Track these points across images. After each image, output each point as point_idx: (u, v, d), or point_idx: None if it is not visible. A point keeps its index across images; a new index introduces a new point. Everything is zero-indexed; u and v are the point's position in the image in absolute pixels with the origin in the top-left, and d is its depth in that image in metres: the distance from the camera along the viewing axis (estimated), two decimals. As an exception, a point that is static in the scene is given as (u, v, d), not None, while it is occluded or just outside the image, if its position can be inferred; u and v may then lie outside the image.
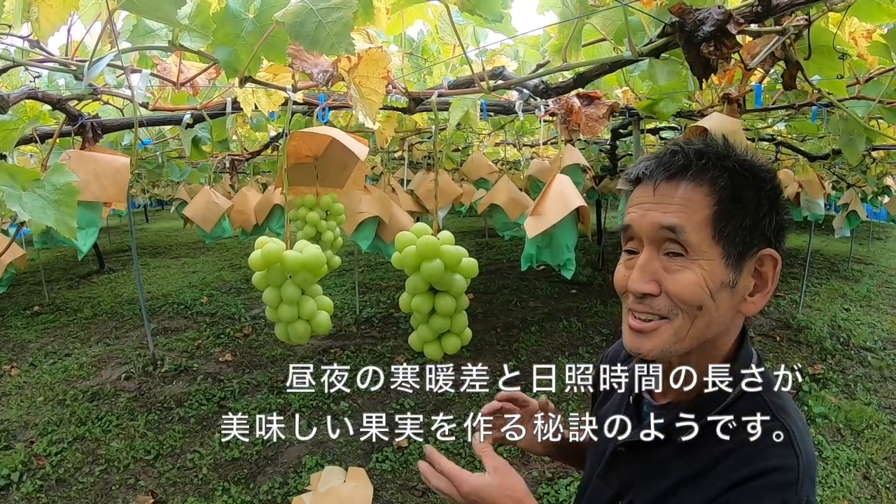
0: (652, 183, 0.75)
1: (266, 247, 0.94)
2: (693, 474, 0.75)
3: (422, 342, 0.97)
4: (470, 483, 0.81)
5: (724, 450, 0.73)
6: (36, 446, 3.54)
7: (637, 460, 0.83)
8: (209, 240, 3.26)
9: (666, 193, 0.74)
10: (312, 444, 3.56)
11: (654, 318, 0.74)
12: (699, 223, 0.72)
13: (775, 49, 1.10)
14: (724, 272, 0.72)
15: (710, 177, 0.73)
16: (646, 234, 0.75)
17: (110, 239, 12.13)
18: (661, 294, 0.73)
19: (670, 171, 0.74)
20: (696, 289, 0.71)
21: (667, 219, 0.72)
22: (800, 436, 0.73)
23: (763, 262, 0.74)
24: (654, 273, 0.74)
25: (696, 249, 0.71)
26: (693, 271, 0.71)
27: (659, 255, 0.74)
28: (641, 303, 0.75)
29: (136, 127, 1.28)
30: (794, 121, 2.58)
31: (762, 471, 0.70)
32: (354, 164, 1.35)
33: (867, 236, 11.02)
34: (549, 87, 1.23)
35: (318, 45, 0.80)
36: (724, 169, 0.73)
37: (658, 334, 0.74)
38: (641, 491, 0.81)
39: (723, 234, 0.71)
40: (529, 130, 3.27)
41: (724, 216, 0.72)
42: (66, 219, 1.04)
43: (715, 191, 0.72)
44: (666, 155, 0.76)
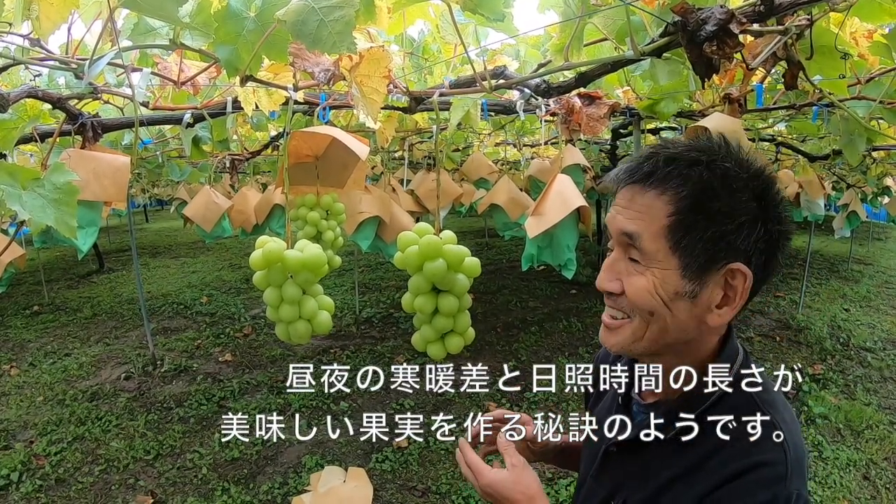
0: (623, 187, 0.76)
1: (267, 246, 0.93)
2: (684, 471, 0.76)
3: (425, 342, 0.96)
4: (487, 477, 0.86)
5: (713, 446, 0.74)
6: (35, 446, 3.54)
7: (628, 460, 0.84)
8: (209, 239, 3.25)
9: (631, 199, 0.75)
10: (312, 445, 3.55)
11: (620, 315, 0.77)
12: (655, 232, 0.72)
13: (777, 49, 1.09)
14: (678, 282, 0.72)
15: (673, 185, 0.71)
16: (614, 236, 0.77)
17: (110, 239, 12.13)
18: (623, 294, 0.75)
19: (634, 177, 0.75)
20: (646, 294, 0.73)
21: (627, 225, 0.74)
22: (787, 429, 0.74)
23: (734, 276, 0.72)
24: (618, 273, 0.76)
25: (651, 258, 0.72)
26: (645, 277, 0.73)
27: (625, 258, 0.76)
28: (609, 299, 0.78)
29: (136, 126, 1.28)
30: (794, 121, 2.58)
31: (751, 466, 0.71)
32: (355, 163, 1.35)
33: (867, 237, 11.03)
34: (550, 87, 1.23)
35: (319, 44, 0.80)
36: (688, 178, 0.71)
37: (620, 332, 0.77)
38: (634, 490, 0.82)
39: (679, 245, 0.71)
40: (530, 130, 3.27)
41: (682, 227, 0.71)
42: (66, 218, 1.04)
43: (675, 200, 0.71)
44: (640, 159, 0.76)
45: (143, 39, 1.09)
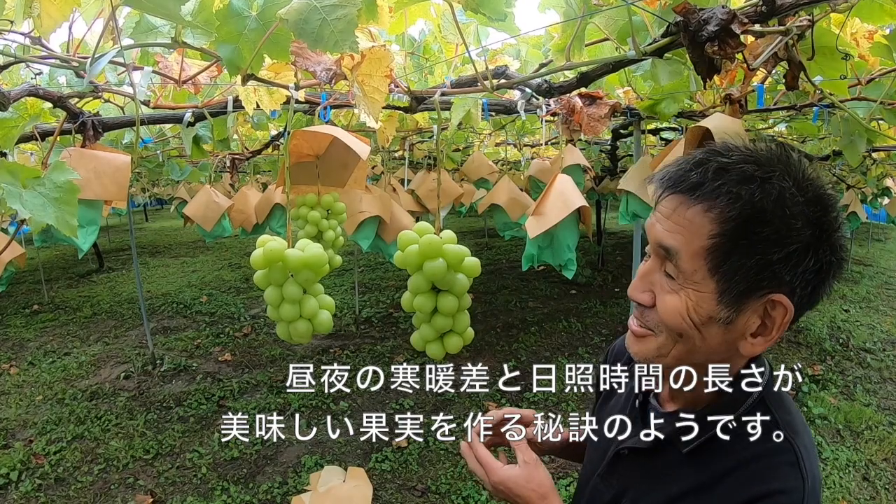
0: (666, 195, 0.70)
1: (268, 245, 0.93)
2: (697, 486, 0.73)
3: (424, 341, 0.96)
4: (499, 473, 0.85)
5: (730, 464, 0.71)
6: (35, 445, 3.54)
7: (640, 464, 0.82)
8: (209, 239, 3.25)
9: (674, 210, 0.68)
10: (312, 444, 3.55)
11: (646, 328, 0.73)
12: (695, 251, 0.66)
13: (778, 49, 1.09)
14: (714, 307, 0.66)
15: (721, 202, 0.64)
16: (651, 245, 0.72)
17: (110, 238, 12.13)
18: (653, 307, 0.71)
19: (679, 187, 0.68)
20: (677, 316, 0.68)
21: (665, 238, 0.68)
22: (807, 456, 0.71)
23: (775, 307, 0.67)
24: (651, 284, 0.71)
25: (687, 278, 0.67)
26: (678, 297, 0.68)
27: (661, 269, 0.71)
28: (637, 309, 0.74)
29: (137, 125, 1.28)
30: (794, 122, 2.58)
31: (768, 492, 0.68)
32: (356, 163, 1.35)
33: (867, 238, 11.03)
34: (552, 87, 1.23)
35: (321, 43, 0.80)
36: (738, 197, 0.63)
37: (645, 342, 0.73)
38: (642, 495, 0.80)
39: (719, 269, 0.65)
40: (530, 130, 3.27)
41: (724, 250, 0.64)
42: (66, 217, 1.04)
43: (720, 220, 0.64)
44: (688, 165, 0.69)
45: (144, 38, 1.09)
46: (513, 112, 1.67)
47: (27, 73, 1.62)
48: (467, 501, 2.96)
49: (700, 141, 1.38)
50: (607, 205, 9.04)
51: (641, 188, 2.00)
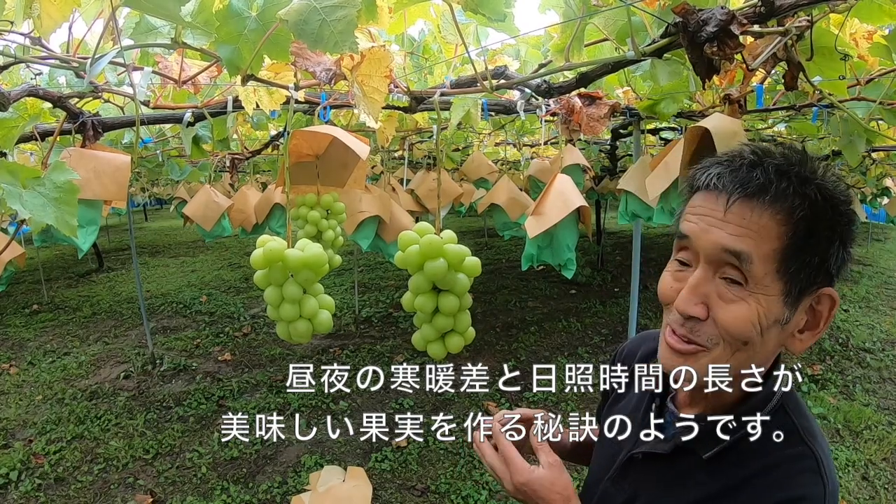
0: (725, 197, 0.67)
1: (268, 245, 0.93)
2: (716, 493, 0.72)
3: (425, 341, 0.96)
4: (524, 473, 0.80)
5: (751, 472, 0.70)
6: (34, 445, 3.54)
7: (654, 469, 0.80)
8: (209, 238, 3.25)
9: (738, 214, 0.65)
10: (312, 444, 3.55)
11: (693, 344, 0.69)
12: (767, 255, 0.64)
13: (777, 50, 1.10)
14: (780, 309, 0.66)
15: (790, 205, 0.64)
16: (705, 252, 0.67)
17: (109, 238, 12.12)
18: (707, 319, 0.67)
19: (748, 189, 0.65)
20: (748, 324, 0.65)
21: (734, 243, 0.65)
22: (826, 461, 0.70)
23: (820, 301, 0.68)
24: (705, 296, 0.67)
25: (758, 282, 0.65)
26: (749, 305, 0.65)
27: (714, 278, 0.67)
28: (685, 325, 0.69)
29: (137, 125, 1.28)
30: (794, 122, 2.58)
31: (791, 499, 0.67)
32: (355, 163, 1.35)
33: (866, 238, 11.04)
34: (551, 87, 1.23)
35: (321, 44, 0.80)
36: (806, 197, 0.64)
37: (695, 359, 0.69)
38: (656, 500, 0.79)
39: (788, 270, 0.65)
40: (530, 130, 3.27)
41: (795, 251, 0.64)
42: (66, 217, 1.04)
43: (791, 221, 0.64)
44: (743, 167, 0.67)
45: (144, 38, 1.09)
46: (512, 112, 1.67)
47: (27, 74, 1.62)
48: (467, 501, 2.97)
49: (699, 141, 1.38)
50: (607, 205, 9.05)
51: (641, 188, 2.00)
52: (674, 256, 0.74)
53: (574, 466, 1.04)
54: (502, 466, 0.83)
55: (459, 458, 3.36)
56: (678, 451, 0.76)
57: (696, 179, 0.71)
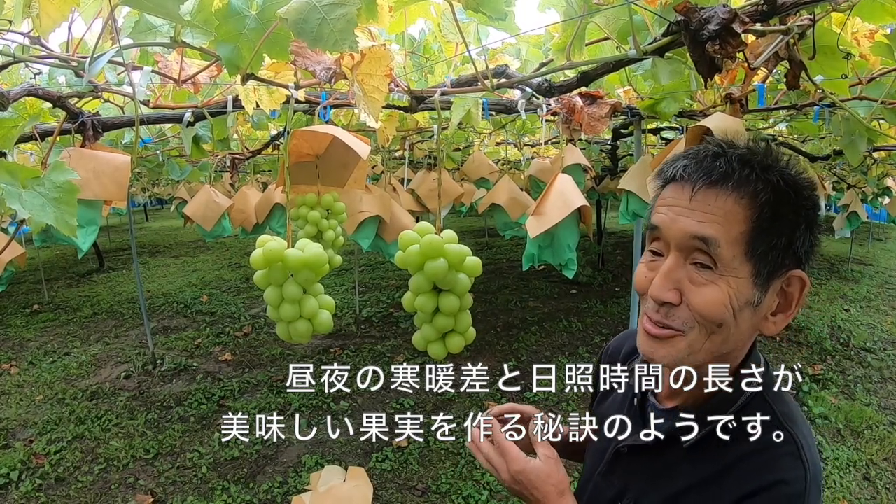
0: (690, 186, 0.70)
1: (268, 245, 0.93)
2: (700, 481, 0.74)
3: (425, 341, 0.96)
4: (520, 463, 0.81)
5: (732, 458, 0.72)
6: (35, 445, 3.54)
7: (641, 461, 0.83)
8: (209, 238, 3.25)
9: (703, 201, 0.69)
10: (312, 444, 3.55)
11: (669, 329, 0.71)
12: (734, 238, 0.67)
13: (779, 48, 1.09)
14: (750, 291, 0.68)
15: (753, 190, 0.68)
16: (674, 240, 0.70)
17: (110, 238, 12.13)
18: (681, 304, 0.70)
19: (711, 177, 0.69)
20: (720, 307, 0.68)
21: (701, 229, 0.68)
22: (807, 446, 0.72)
23: (790, 283, 0.71)
24: (677, 282, 0.70)
25: (727, 265, 0.67)
26: (719, 287, 0.68)
27: (685, 264, 0.70)
28: (659, 311, 0.71)
29: (137, 125, 1.28)
30: (795, 121, 2.58)
31: (771, 483, 0.69)
32: (356, 162, 1.35)
33: (867, 237, 11.03)
34: (552, 86, 1.23)
35: (321, 42, 0.80)
36: (768, 183, 0.68)
37: (672, 344, 0.71)
38: (645, 492, 0.80)
39: (756, 253, 0.67)
40: (530, 130, 3.27)
41: (761, 234, 0.67)
42: (66, 217, 1.04)
43: (755, 205, 0.67)
44: (707, 157, 0.70)
45: (143, 37, 1.09)
46: (513, 111, 1.67)
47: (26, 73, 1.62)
48: (468, 501, 2.96)
49: (701, 140, 1.38)
50: (608, 204, 9.04)
51: (642, 188, 2.00)
52: (647, 248, 0.76)
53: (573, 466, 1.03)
54: (498, 458, 0.83)
55: (460, 458, 3.35)
56: (661, 443, 0.78)
57: (664, 173, 0.75)
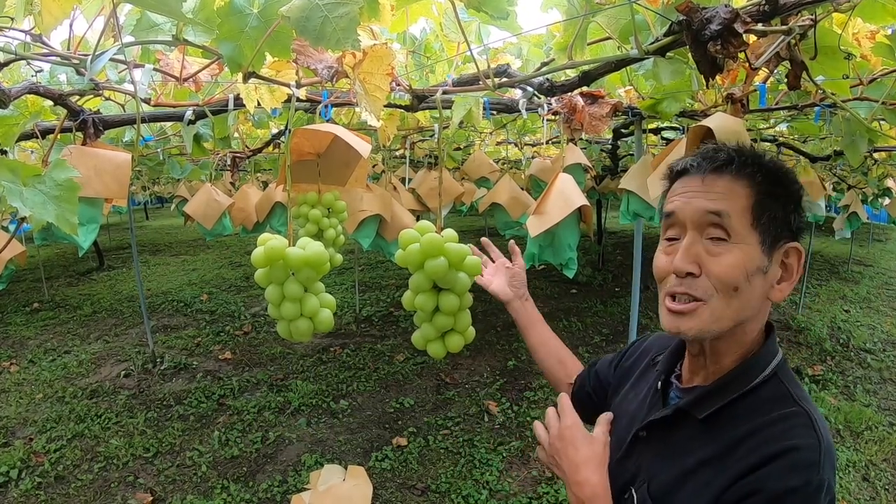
0: (700, 174, 0.82)
1: (269, 244, 0.93)
2: (714, 455, 0.77)
3: (425, 340, 0.96)
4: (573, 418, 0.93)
5: (746, 431, 0.76)
6: (35, 443, 3.54)
7: (658, 442, 0.86)
8: (210, 237, 3.25)
9: (712, 183, 0.81)
10: (312, 443, 3.55)
11: (692, 300, 0.79)
12: (741, 210, 0.78)
13: (780, 49, 1.09)
14: (759, 257, 0.78)
15: (749, 172, 0.80)
16: (690, 219, 0.81)
17: (110, 236, 12.13)
18: (701, 275, 0.79)
19: (716, 163, 0.81)
20: (736, 270, 0.77)
21: (714, 205, 0.79)
22: (820, 421, 0.75)
23: (789, 254, 0.81)
24: (697, 255, 0.79)
25: (738, 234, 0.78)
26: (734, 254, 0.77)
27: (701, 240, 0.80)
28: (682, 283, 0.80)
29: (138, 123, 1.28)
30: (796, 122, 2.58)
31: (785, 449, 0.71)
32: (357, 161, 1.35)
33: (867, 238, 11.03)
34: (553, 85, 1.23)
35: (323, 41, 0.80)
36: (761, 166, 0.81)
37: (697, 315, 0.79)
38: (657, 472, 0.82)
39: (759, 222, 0.78)
40: (531, 129, 3.27)
41: (762, 206, 0.79)
42: (66, 215, 1.03)
43: (754, 184, 0.79)
44: (710, 151, 0.83)
45: (145, 35, 1.09)
46: (514, 111, 1.67)
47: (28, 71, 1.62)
48: (467, 500, 2.96)
49: (701, 140, 1.38)
50: (608, 204, 9.04)
51: (643, 187, 2.00)
52: (663, 237, 0.87)
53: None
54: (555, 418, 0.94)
55: (460, 458, 3.35)
56: (678, 414, 0.84)
57: (673, 170, 0.87)
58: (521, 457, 3.37)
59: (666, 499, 0.79)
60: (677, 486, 0.79)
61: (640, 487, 0.83)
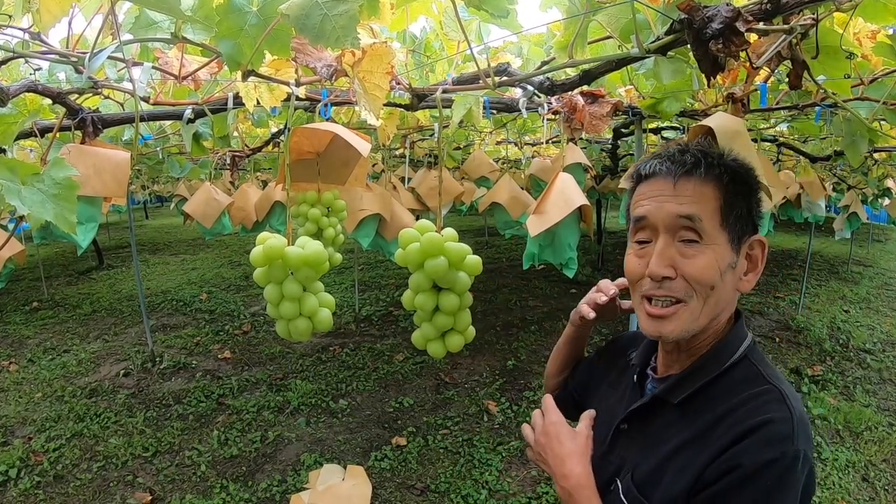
0: (670, 177, 0.83)
1: (268, 243, 0.93)
2: (692, 438, 0.80)
3: (425, 340, 0.96)
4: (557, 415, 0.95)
5: (721, 411, 0.79)
6: (34, 443, 3.53)
7: (638, 433, 0.89)
8: (209, 236, 3.24)
9: (682, 187, 0.82)
10: (311, 442, 3.55)
11: (671, 301, 0.82)
12: (711, 212, 0.80)
13: (782, 48, 1.09)
14: (730, 254, 0.81)
15: (717, 174, 0.82)
16: (663, 223, 0.82)
17: (110, 235, 12.12)
18: (677, 277, 0.81)
19: (686, 167, 0.82)
20: (711, 270, 0.79)
21: (685, 209, 0.80)
22: (791, 396, 0.78)
23: (753, 247, 0.85)
24: (671, 258, 0.81)
25: (709, 235, 0.80)
26: (707, 255, 0.80)
27: (674, 243, 0.82)
28: (660, 287, 0.82)
29: (136, 121, 1.27)
30: (796, 121, 2.58)
31: (758, 424, 0.74)
32: (356, 160, 1.35)
33: (867, 238, 11.03)
34: (554, 84, 1.22)
35: (323, 39, 0.79)
36: (726, 167, 0.83)
37: (677, 317, 0.81)
38: (640, 462, 0.85)
39: (728, 222, 0.81)
40: (531, 129, 3.27)
41: (730, 206, 0.81)
42: (65, 213, 1.03)
43: (721, 185, 0.82)
44: (675, 154, 0.85)
45: (144, 33, 1.08)
46: (514, 110, 1.66)
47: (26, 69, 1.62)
48: (466, 500, 2.96)
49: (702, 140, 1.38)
50: (608, 204, 9.04)
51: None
52: (632, 241, 0.89)
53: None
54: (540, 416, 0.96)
55: (459, 458, 3.35)
56: (655, 401, 0.87)
57: (640, 172, 0.88)
58: (521, 457, 3.36)
59: (649, 485, 0.82)
60: (659, 471, 0.81)
61: (624, 478, 0.85)
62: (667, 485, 0.79)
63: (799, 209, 4.79)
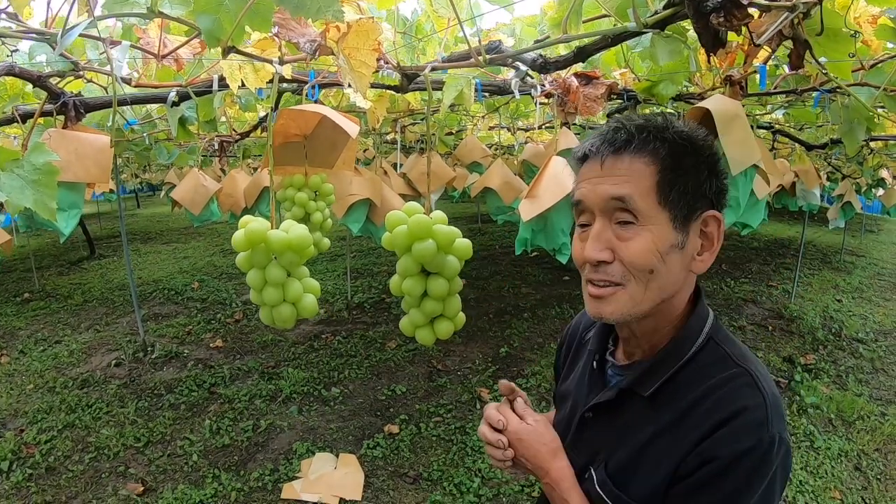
0: (599, 158, 0.79)
1: (250, 226, 0.89)
2: (665, 428, 0.78)
3: (413, 327, 0.93)
4: (514, 424, 0.90)
5: (693, 398, 0.77)
6: (26, 434, 3.50)
7: (606, 422, 0.87)
8: (197, 223, 3.20)
9: (612, 167, 0.78)
10: (303, 431, 3.53)
11: (610, 284, 0.78)
12: (645, 191, 0.76)
13: (783, 26, 1.05)
14: (672, 235, 0.76)
15: (652, 148, 0.77)
16: (597, 206, 0.79)
17: (101, 225, 12.02)
18: (614, 261, 0.77)
19: (615, 145, 0.78)
20: (647, 254, 0.76)
21: (615, 189, 0.77)
22: (763, 377, 0.77)
23: (707, 223, 0.80)
24: (607, 241, 0.78)
25: (645, 215, 0.76)
26: (643, 237, 0.76)
27: (611, 225, 0.78)
28: (597, 270, 0.79)
29: (114, 101, 1.23)
30: (792, 108, 2.55)
31: (732, 413, 0.73)
32: (345, 143, 1.31)
33: (859, 229, 11.07)
34: (547, 62, 1.19)
35: (303, 10, 0.75)
36: (664, 140, 0.77)
37: (616, 299, 0.78)
38: (613, 451, 0.83)
39: (668, 200, 0.76)
40: (524, 114, 3.23)
41: (667, 183, 0.76)
42: (45, 199, 1.01)
43: (657, 160, 0.77)
44: (609, 132, 0.80)
45: (119, 8, 1.04)
46: (507, 92, 1.63)
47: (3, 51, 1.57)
48: (459, 488, 2.95)
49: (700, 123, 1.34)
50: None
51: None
52: (576, 223, 0.85)
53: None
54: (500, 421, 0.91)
55: (452, 445, 3.34)
56: (622, 395, 0.84)
57: (577, 154, 0.85)
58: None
59: (624, 476, 0.81)
60: (633, 463, 0.80)
61: (598, 468, 0.84)
62: (642, 477, 0.79)
63: (794, 197, 4.78)
